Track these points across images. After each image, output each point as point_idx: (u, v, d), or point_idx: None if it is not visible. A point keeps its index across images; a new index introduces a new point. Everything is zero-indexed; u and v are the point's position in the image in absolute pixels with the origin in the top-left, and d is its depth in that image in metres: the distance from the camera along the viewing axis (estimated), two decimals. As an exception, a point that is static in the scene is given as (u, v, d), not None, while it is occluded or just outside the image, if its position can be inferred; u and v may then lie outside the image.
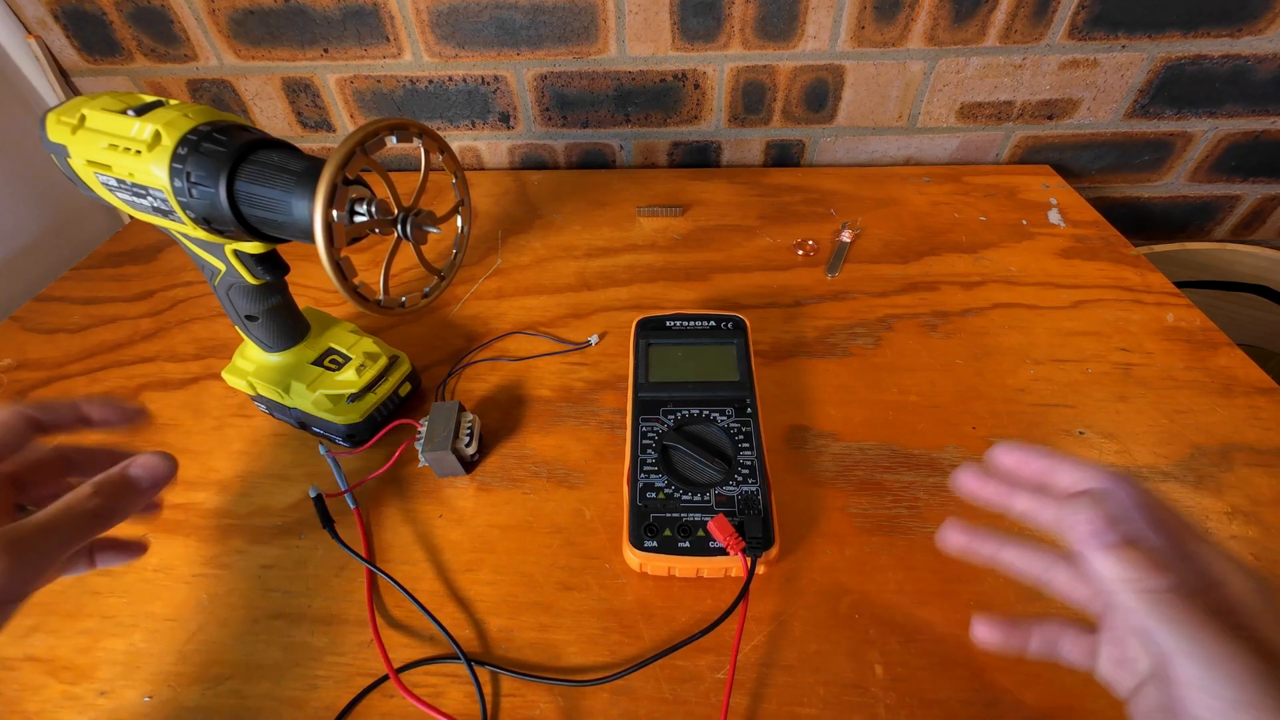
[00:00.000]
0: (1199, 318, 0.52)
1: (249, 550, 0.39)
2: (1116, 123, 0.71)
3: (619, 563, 0.38)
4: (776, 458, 0.43)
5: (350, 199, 0.34)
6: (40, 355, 0.54)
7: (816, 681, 0.33)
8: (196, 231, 0.36)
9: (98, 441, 0.31)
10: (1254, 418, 0.44)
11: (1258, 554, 0.37)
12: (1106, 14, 0.62)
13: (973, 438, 0.44)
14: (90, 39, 0.68)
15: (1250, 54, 0.65)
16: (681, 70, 0.68)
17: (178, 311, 0.58)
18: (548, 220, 0.67)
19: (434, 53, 0.68)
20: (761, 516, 0.36)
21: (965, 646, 0.34)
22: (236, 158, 0.33)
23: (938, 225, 0.64)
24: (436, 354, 0.52)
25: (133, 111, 0.34)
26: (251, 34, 0.67)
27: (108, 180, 0.35)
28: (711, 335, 0.47)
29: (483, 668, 0.34)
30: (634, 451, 0.40)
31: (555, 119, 0.73)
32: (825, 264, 0.59)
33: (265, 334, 0.43)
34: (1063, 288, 0.56)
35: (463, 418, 0.42)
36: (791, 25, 0.64)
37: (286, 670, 0.34)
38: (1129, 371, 0.48)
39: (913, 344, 0.51)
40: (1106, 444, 0.43)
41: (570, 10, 0.64)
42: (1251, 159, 0.73)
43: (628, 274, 0.59)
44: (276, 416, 0.47)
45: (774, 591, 0.36)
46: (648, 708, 0.32)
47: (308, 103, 0.72)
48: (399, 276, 0.59)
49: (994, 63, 0.66)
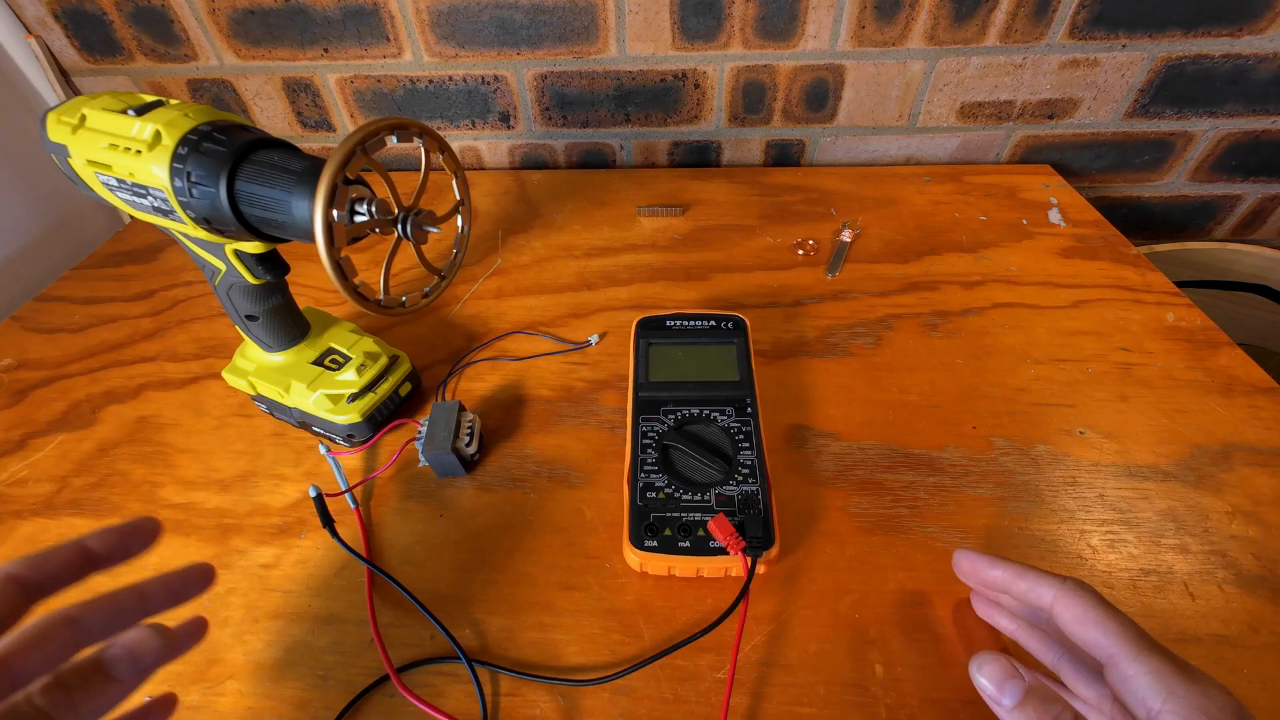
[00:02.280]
0: (1199, 317, 0.52)
1: (249, 550, 0.39)
2: (1117, 122, 0.71)
3: (619, 562, 0.38)
4: (777, 457, 0.43)
5: (350, 199, 0.34)
6: (41, 355, 0.54)
7: (816, 681, 0.33)
8: (197, 231, 0.36)
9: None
10: (1254, 417, 0.44)
11: (1258, 554, 0.37)
12: (1107, 13, 0.62)
13: (973, 437, 0.44)
14: (90, 39, 0.68)
15: (1251, 53, 0.64)
16: (681, 70, 0.68)
17: (178, 311, 0.58)
18: (548, 220, 0.67)
19: (434, 52, 0.68)
20: (762, 516, 0.36)
21: (965, 646, 0.34)
22: (237, 157, 0.33)
23: (938, 225, 0.64)
24: (436, 354, 0.52)
25: (133, 111, 0.34)
26: (251, 34, 0.67)
27: (108, 180, 0.35)
28: (711, 335, 0.47)
29: (483, 667, 0.34)
30: (634, 451, 0.40)
31: (555, 119, 0.73)
32: (825, 264, 0.59)
33: (265, 334, 0.43)
34: (1063, 287, 0.56)
35: (463, 417, 0.42)
36: (792, 25, 0.64)
37: (286, 670, 0.34)
38: (1129, 371, 0.48)
39: (913, 343, 0.51)
40: (1107, 444, 0.43)
41: (570, 10, 0.64)
42: (1252, 159, 0.73)
43: (628, 274, 0.59)
44: (277, 416, 0.47)
45: (774, 591, 0.36)
46: (648, 707, 0.32)
47: (308, 102, 0.72)
48: (399, 276, 0.59)
49: (994, 62, 0.66)
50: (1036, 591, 0.27)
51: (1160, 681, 0.22)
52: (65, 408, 0.49)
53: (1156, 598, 0.35)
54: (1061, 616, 0.26)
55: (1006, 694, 0.23)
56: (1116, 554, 0.37)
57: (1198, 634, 0.34)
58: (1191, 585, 0.36)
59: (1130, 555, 0.37)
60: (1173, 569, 0.36)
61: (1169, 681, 0.22)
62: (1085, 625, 0.25)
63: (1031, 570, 0.28)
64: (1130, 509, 0.39)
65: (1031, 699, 0.23)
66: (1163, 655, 0.23)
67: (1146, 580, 0.36)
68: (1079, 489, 0.41)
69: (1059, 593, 0.26)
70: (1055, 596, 0.26)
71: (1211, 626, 0.34)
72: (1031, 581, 0.27)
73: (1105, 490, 0.40)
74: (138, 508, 0.42)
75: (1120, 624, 0.24)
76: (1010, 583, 0.28)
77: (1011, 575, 0.28)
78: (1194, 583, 0.36)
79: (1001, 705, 0.23)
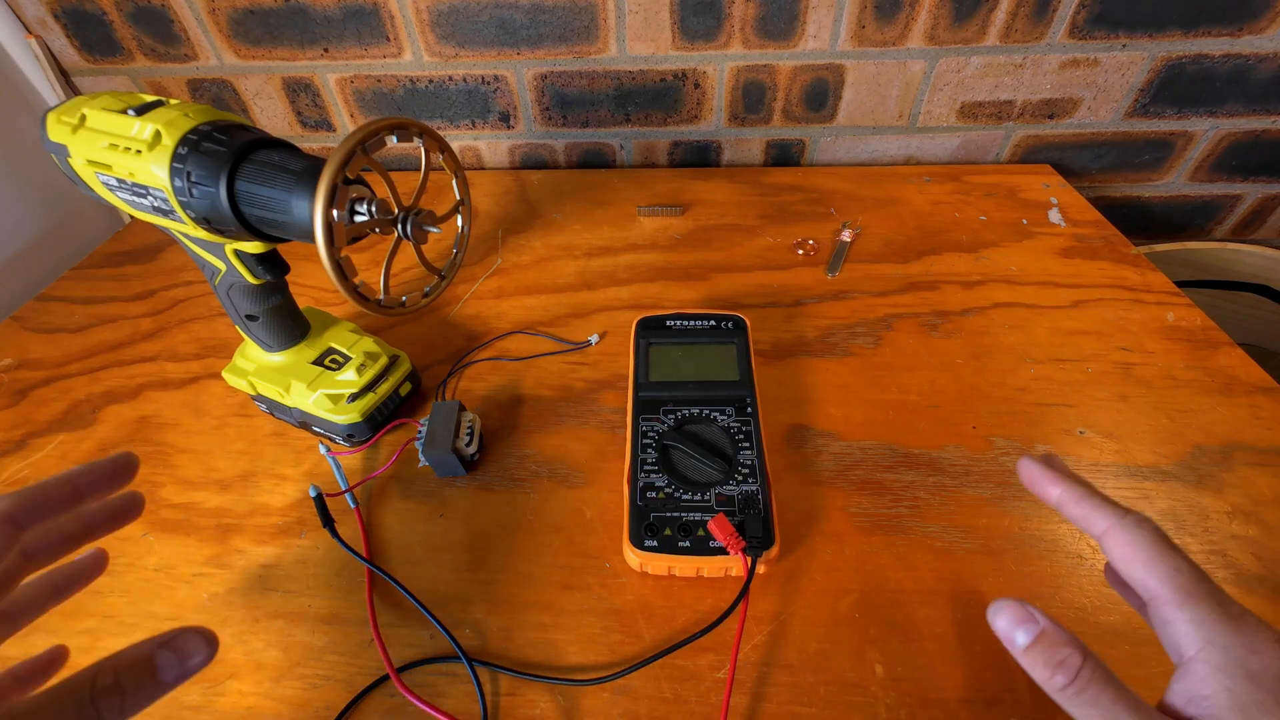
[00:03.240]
0: (1199, 317, 0.52)
1: (249, 550, 0.39)
2: (1117, 122, 0.71)
3: (619, 562, 0.38)
4: (777, 457, 0.43)
5: (350, 198, 0.34)
6: (41, 355, 0.54)
7: (817, 681, 0.33)
8: (197, 231, 0.36)
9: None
10: (1254, 417, 0.44)
11: (1258, 554, 0.37)
12: (1107, 13, 0.62)
13: (973, 437, 0.44)
14: (90, 39, 0.68)
15: (1251, 53, 0.64)
16: (681, 70, 0.68)
17: (178, 311, 0.58)
18: (548, 220, 0.67)
19: (434, 52, 0.68)
20: (762, 516, 0.36)
21: (965, 646, 0.34)
22: (237, 157, 0.33)
23: (938, 225, 0.64)
24: (436, 354, 0.52)
25: (133, 111, 0.34)
26: (251, 34, 0.67)
27: (108, 180, 0.35)
28: (712, 335, 0.47)
29: (483, 667, 0.34)
30: (634, 451, 0.40)
31: (555, 118, 0.73)
32: (825, 263, 0.59)
33: (266, 333, 0.43)
34: (1063, 287, 0.56)
35: (463, 417, 0.42)
36: (792, 25, 0.64)
37: (287, 670, 0.34)
38: (1129, 371, 0.48)
39: (913, 343, 0.51)
40: (1107, 443, 0.43)
41: (570, 10, 0.64)
42: (1252, 158, 0.73)
43: (628, 273, 0.59)
44: (277, 416, 0.47)
45: (774, 591, 0.36)
46: (648, 707, 0.32)
47: (308, 102, 0.72)
48: (399, 276, 0.59)
49: (994, 62, 0.66)
50: (1090, 519, 0.26)
51: (1200, 630, 0.21)
52: (65, 408, 0.49)
53: (1156, 597, 0.35)
54: (1111, 552, 0.25)
55: (1020, 634, 0.23)
56: (1116, 554, 0.37)
57: (1198, 634, 0.34)
58: (1191, 585, 0.36)
59: (1130, 555, 0.37)
60: (1173, 569, 0.36)
61: (1211, 629, 0.21)
62: (1133, 565, 0.24)
63: (1090, 496, 0.26)
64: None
65: (1042, 641, 0.23)
66: (1212, 602, 0.21)
67: (1146, 580, 0.36)
68: (1079, 489, 0.41)
69: (1112, 525, 0.25)
70: (1106, 529, 0.25)
71: (1211, 626, 0.34)
72: (1088, 508, 0.26)
73: (1105, 490, 0.40)
74: (138, 508, 0.42)
75: (1171, 567, 0.22)
76: (1066, 505, 0.27)
77: (1070, 498, 0.27)
78: (1194, 582, 0.36)
79: (1016, 645, 0.23)
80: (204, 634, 0.22)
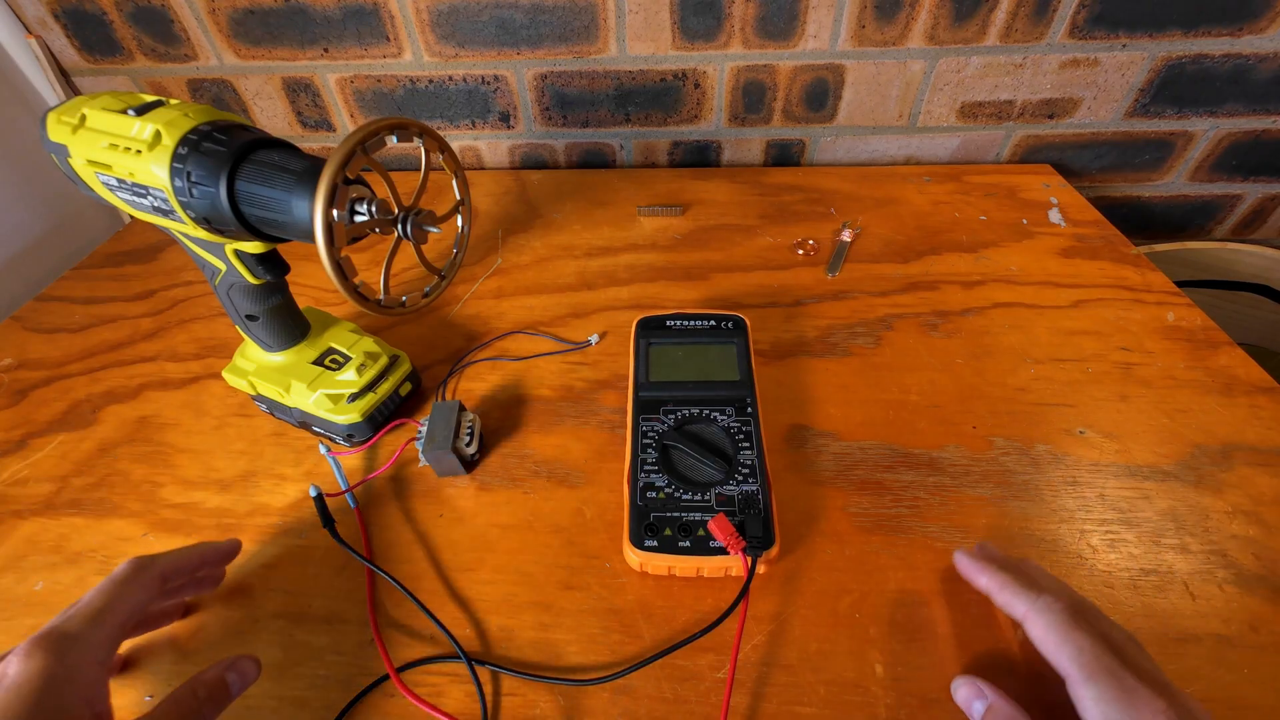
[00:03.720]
0: (1199, 317, 0.52)
1: (249, 550, 0.39)
2: (1117, 122, 0.71)
3: (619, 562, 0.38)
4: (777, 457, 0.43)
5: (350, 198, 0.34)
6: (41, 355, 0.54)
7: (817, 681, 0.33)
8: (197, 231, 0.36)
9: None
10: (1254, 417, 0.44)
11: (1258, 553, 0.37)
12: (1107, 13, 0.62)
13: (973, 437, 0.44)
14: (90, 39, 0.68)
15: (1251, 53, 0.64)
16: (682, 70, 0.68)
17: (178, 311, 0.58)
18: (548, 220, 0.67)
19: (434, 52, 0.68)
20: (762, 516, 0.36)
21: (965, 646, 0.34)
22: (237, 157, 0.33)
23: (938, 225, 0.64)
24: (436, 354, 0.52)
25: (133, 111, 0.34)
26: (251, 34, 0.67)
27: (108, 180, 0.35)
28: (712, 335, 0.47)
29: (483, 667, 0.34)
30: (634, 451, 0.40)
31: (555, 118, 0.73)
32: (825, 263, 0.59)
33: (266, 333, 0.43)
34: (1063, 287, 0.56)
35: (463, 417, 0.42)
36: (792, 24, 0.64)
37: (287, 670, 0.34)
38: (1129, 371, 0.48)
39: (913, 343, 0.51)
40: (1107, 443, 0.43)
41: (570, 10, 0.64)
42: (1252, 158, 0.73)
43: (628, 273, 0.59)
44: (277, 416, 0.47)
45: (774, 591, 0.36)
46: (648, 707, 0.32)
47: (308, 102, 0.72)
48: (399, 276, 0.59)
49: (994, 62, 0.66)
50: (1012, 605, 0.30)
51: (1099, 706, 0.25)
52: (65, 407, 0.49)
53: (1157, 597, 0.35)
54: (1030, 634, 0.29)
55: (974, 709, 0.29)
56: (1117, 554, 0.37)
57: (1198, 634, 0.34)
58: (1192, 585, 0.36)
59: (1130, 555, 0.37)
60: (1173, 569, 0.36)
61: (1109, 706, 0.25)
62: (1045, 646, 0.28)
63: (1011, 584, 0.31)
64: (1130, 509, 0.39)
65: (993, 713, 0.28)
66: (1110, 680, 0.25)
67: (1147, 580, 0.36)
68: (1079, 489, 0.41)
69: (1028, 610, 0.29)
70: (1024, 613, 0.29)
71: (1211, 626, 0.34)
72: (1009, 596, 0.30)
73: (1105, 490, 0.40)
74: (138, 508, 0.42)
75: (1076, 647, 0.27)
76: (993, 593, 0.31)
77: (995, 586, 0.31)
78: (1194, 582, 0.36)
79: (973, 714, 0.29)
80: (254, 660, 0.31)
